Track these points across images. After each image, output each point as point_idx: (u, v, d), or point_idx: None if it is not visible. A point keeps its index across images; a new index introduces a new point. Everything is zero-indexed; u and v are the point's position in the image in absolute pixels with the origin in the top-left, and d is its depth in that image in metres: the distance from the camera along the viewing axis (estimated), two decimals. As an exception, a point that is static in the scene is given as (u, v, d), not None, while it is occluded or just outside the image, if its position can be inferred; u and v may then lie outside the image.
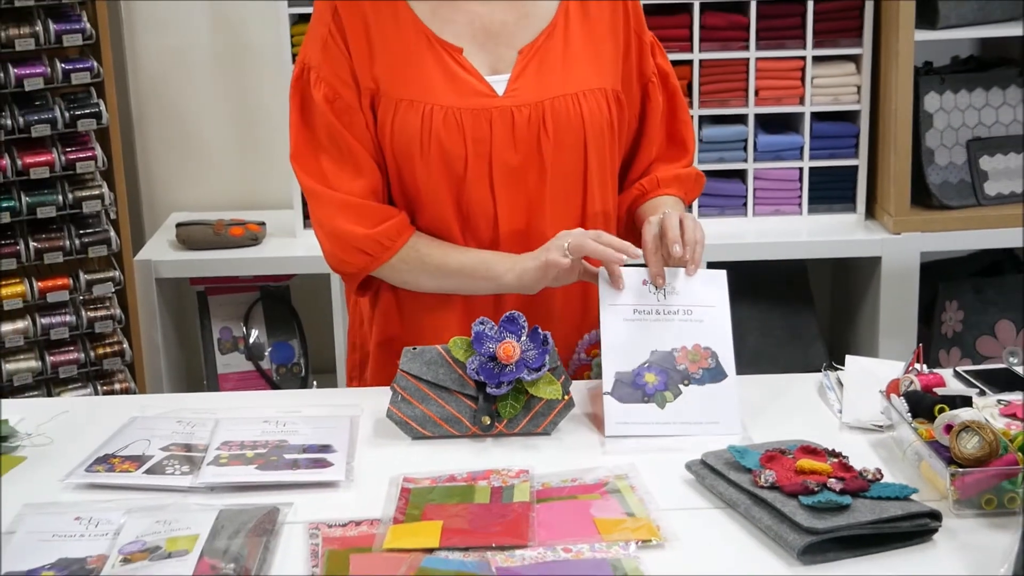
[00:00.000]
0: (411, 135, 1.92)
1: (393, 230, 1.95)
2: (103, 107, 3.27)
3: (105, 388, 3.37)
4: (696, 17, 3.36)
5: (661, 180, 2.08)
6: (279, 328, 3.67)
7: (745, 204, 3.51)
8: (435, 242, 1.97)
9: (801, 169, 3.48)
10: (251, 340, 3.64)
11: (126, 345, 3.41)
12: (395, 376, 1.82)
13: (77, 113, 3.23)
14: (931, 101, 3.43)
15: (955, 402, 1.66)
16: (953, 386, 1.83)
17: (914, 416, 1.68)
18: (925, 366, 1.82)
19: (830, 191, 3.52)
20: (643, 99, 2.08)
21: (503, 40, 1.96)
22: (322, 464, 1.70)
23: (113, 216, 3.37)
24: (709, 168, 3.39)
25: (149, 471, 1.68)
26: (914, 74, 3.31)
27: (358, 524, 1.54)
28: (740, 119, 3.47)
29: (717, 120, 3.49)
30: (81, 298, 3.33)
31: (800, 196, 3.51)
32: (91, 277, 3.31)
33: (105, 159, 3.29)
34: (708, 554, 1.47)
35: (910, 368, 1.83)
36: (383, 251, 1.95)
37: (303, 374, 3.67)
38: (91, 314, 3.33)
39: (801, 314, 3.59)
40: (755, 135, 3.46)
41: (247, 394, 2.89)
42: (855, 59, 3.42)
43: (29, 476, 1.72)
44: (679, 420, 1.80)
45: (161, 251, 3.48)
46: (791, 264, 3.57)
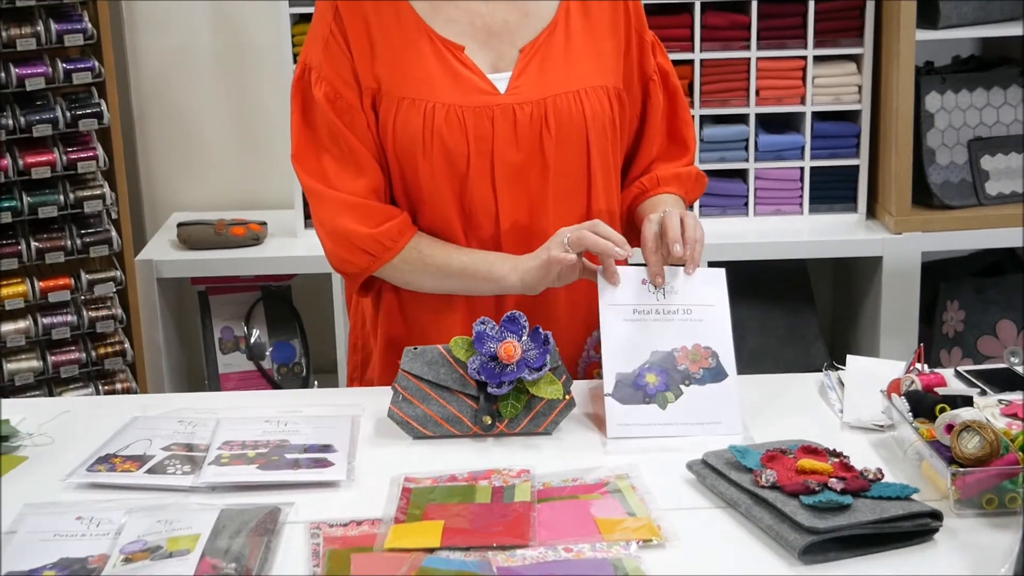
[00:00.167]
0: (413, 133, 1.92)
1: (395, 230, 1.95)
2: (104, 107, 3.27)
3: (106, 388, 3.37)
4: (697, 17, 3.36)
5: (661, 178, 2.08)
6: (280, 328, 3.67)
7: (746, 204, 3.51)
8: (437, 243, 1.97)
9: (802, 169, 3.48)
10: (252, 340, 3.64)
11: (127, 345, 3.41)
12: (396, 376, 1.82)
13: (78, 113, 3.23)
14: (932, 101, 3.43)
15: (956, 402, 1.65)
16: (954, 386, 1.83)
17: (915, 416, 1.68)
18: (926, 366, 1.82)
19: (831, 191, 3.52)
20: (644, 98, 2.08)
21: (505, 38, 1.96)
22: (323, 464, 1.69)
23: (114, 216, 3.37)
24: (710, 168, 3.39)
25: (150, 471, 1.68)
26: (915, 74, 3.31)
27: (359, 524, 1.54)
28: (741, 119, 3.47)
29: (718, 120, 3.49)
30: (82, 298, 3.33)
31: (801, 196, 3.51)
32: (92, 277, 3.31)
33: (106, 159, 3.29)
34: (709, 554, 1.47)
35: (911, 368, 1.82)
36: (385, 251, 1.95)
37: (304, 374, 3.67)
38: (92, 314, 3.33)
39: (802, 314, 3.59)
40: (756, 135, 3.46)
41: (248, 394, 2.89)
42: (856, 59, 3.42)
43: (30, 476, 1.72)
44: (680, 421, 1.79)
45: (162, 251, 3.48)
46: (792, 264, 3.57)
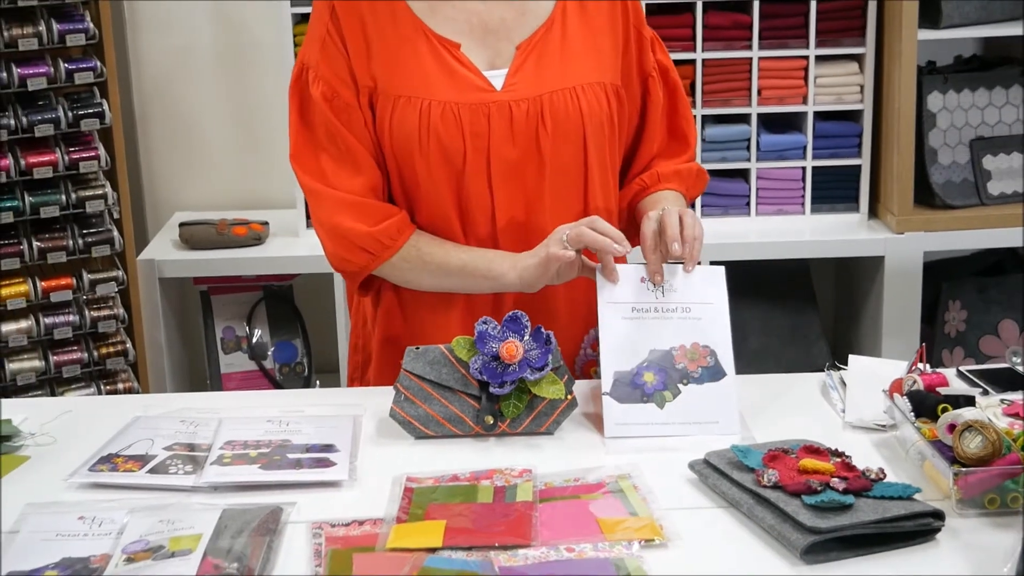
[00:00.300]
0: (409, 131, 1.92)
1: (393, 228, 1.95)
2: (106, 107, 3.27)
3: (108, 388, 3.38)
4: (699, 16, 3.36)
5: (661, 175, 2.08)
6: (282, 328, 3.67)
7: (748, 204, 3.51)
8: (436, 240, 1.97)
9: (804, 169, 3.48)
10: (254, 340, 3.64)
11: (129, 345, 3.41)
12: (398, 376, 1.82)
13: (80, 113, 3.23)
14: (934, 100, 3.43)
15: (958, 401, 1.65)
16: (956, 385, 1.83)
17: (917, 416, 1.68)
18: (928, 365, 1.82)
19: (833, 191, 3.51)
20: (643, 94, 2.08)
21: (502, 35, 1.96)
22: (325, 464, 1.69)
23: (116, 216, 3.37)
24: (712, 167, 3.39)
25: (152, 470, 1.68)
26: (917, 73, 3.30)
27: (361, 524, 1.54)
28: (743, 119, 3.47)
29: (720, 120, 3.49)
30: (84, 298, 3.33)
31: (803, 196, 3.50)
32: (94, 277, 3.31)
33: (108, 159, 3.29)
34: (711, 553, 1.47)
35: (913, 367, 1.82)
36: (384, 249, 1.95)
37: (306, 374, 3.67)
38: (94, 314, 3.33)
39: (804, 314, 3.59)
40: (758, 135, 3.46)
41: (250, 394, 2.89)
42: (858, 58, 3.42)
43: (32, 475, 1.72)
44: (678, 420, 1.79)
45: (164, 251, 3.48)
46: (794, 264, 3.57)
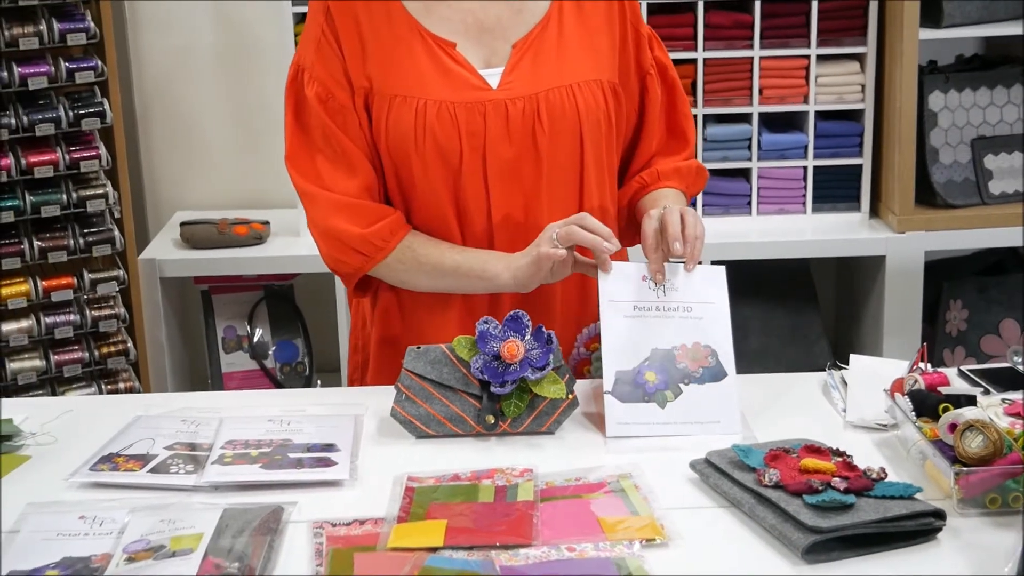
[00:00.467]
0: (405, 131, 1.91)
1: (386, 230, 1.95)
2: (107, 106, 3.27)
3: (109, 387, 3.37)
4: (700, 16, 3.36)
5: (661, 173, 2.07)
6: (283, 327, 3.67)
7: (749, 203, 3.51)
8: (432, 241, 1.97)
9: (805, 168, 3.48)
10: (255, 339, 3.64)
11: (130, 344, 3.41)
12: (398, 375, 1.82)
13: (81, 112, 3.23)
14: (935, 100, 3.43)
15: (959, 401, 1.65)
16: (957, 385, 1.83)
17: (918, 415, 1.67)
18: (929, 365, 1.82)
19: (834, 190, 3.51)
20: (641, 92, 2.07)
21: (497, 34, 1.96)
22: (326, 463, 1.69)
23: (117, 215, 3.37)
24: (713, 167, 3.39)
25: (153, 470, 1.68)
26: (918, 73, 3.30)
27: (362, 523, 1.54)
28: (744, 118, 3.47)
29: (721, 119, 3.49)
30: (85, 297, 3.33)
31: (804, 195, 3.50)
32: (95, 276, 3.31)
33: (109, 158, 3.29)
34: (712, 553, 1.47)
35: (914, 367, 1.82)
36: (377, 251, 1.95)
37: (307, 373, 3.67)
38: (95, 313, 3.33)
39: (805, 313, 3.59)
40: (759, 134, 3.46)
41: (251, 393, 2.89)
42: (859, 58, 3.42)
43: (33, 475, 1.72)
44: (680, 420, 1.79)
45: (165, 250, 3.48)
46: (795, 263, 3.57)
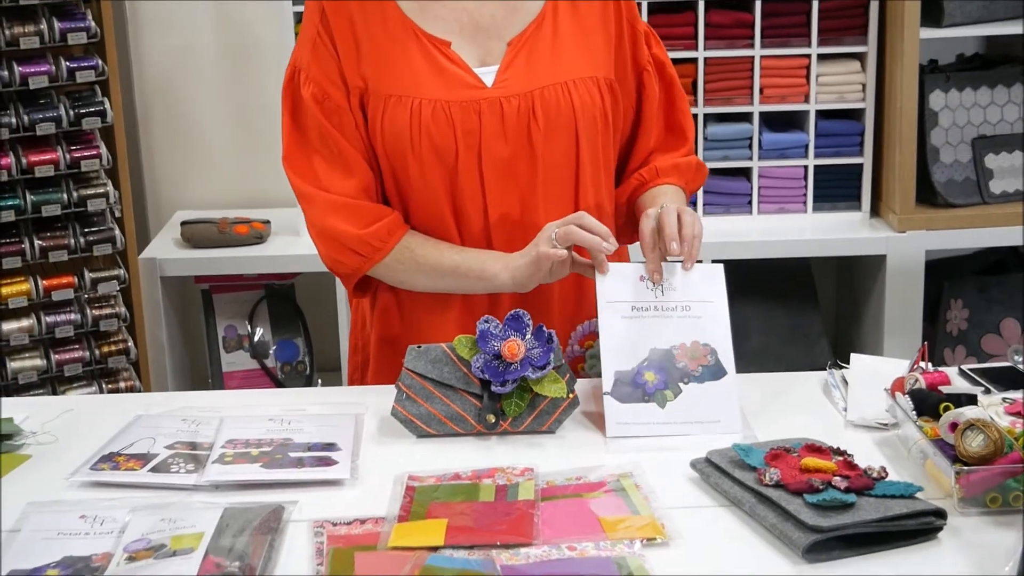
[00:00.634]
0: (401, 130, 1.91)
1: (384, 230, 1.95)
2: (108, 105, 3.27)
3: (110, 386, 3.38)
4: (701, 15, 3.36)
5: (660, 169, 2.07)
6: (284, 326, 3.67)
7: (750, 202, 3.51)
8: (430, 241, 1.96)
9: (806, 167, 3.48)
10: (256, 338, 3.64)
11: (131, 343, 3.41)
12: (399, 375, 1.82)
13: (82, 111, 3.23)
14: (936, 99, 3.43)
15: (960, 400, 1.65)
16: (958, 384, 1.83)
17: (919, 414, 1.67)
18: (930, 364, 1.82)
19: (835, 189, 3.51)
20: (638, 88, 2.07)
21: (492, 33, 1.96)
22: (327, 462, 1.69)
23: (118, 214, 3.37)
24: (714, 166, 3.39)
25: (154, 469, 1.68)
26: (919, 72, 3.30)
27: (363, 522, 1.54)
28: (745, 117, 3.47)
29: (722, 118, 3.49)
30: (86, 296, 3.33)
31: (805, 194, 3.50)
32: (96, 275, 3.31)
33: (110, 157, 3.29)
34: (713, 552, 1.47)
35: (915, 366, 1.82)
36: (375, 251, 1.95)
37: (308, 372, 3.67)
38: (96, 312, 3.33)
39: (806, 312, 3.59)
40: (760, 133, 3.46)
41: (252, 392, 2.88)
42: (860, 57, 3.42)
43: (34, 474, 1.72)
44: (679, 419, 1.79)
45: (166, 249, 3.48)
46: (796, 262, 3.57)
